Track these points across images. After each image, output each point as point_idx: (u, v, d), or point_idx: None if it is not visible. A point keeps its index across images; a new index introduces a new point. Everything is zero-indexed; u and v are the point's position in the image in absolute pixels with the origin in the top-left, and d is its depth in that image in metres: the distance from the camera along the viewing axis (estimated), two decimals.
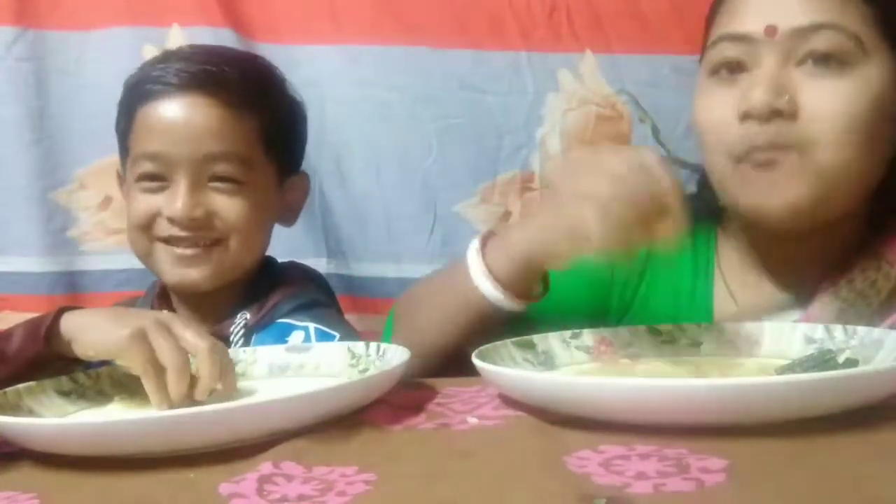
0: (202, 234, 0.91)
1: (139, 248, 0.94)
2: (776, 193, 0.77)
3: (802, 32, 0.76)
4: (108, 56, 1.25)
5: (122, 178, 1.00)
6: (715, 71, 0.81)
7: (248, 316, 0.93)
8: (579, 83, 1.25)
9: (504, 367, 0.65)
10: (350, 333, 0.93)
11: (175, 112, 0.90)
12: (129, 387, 0.75)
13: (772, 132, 0.76)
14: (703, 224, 0.92)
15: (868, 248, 0.82)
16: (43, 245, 1.26)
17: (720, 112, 0.80)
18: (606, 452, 0.49)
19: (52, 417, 0.66)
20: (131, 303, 1.04)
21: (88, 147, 1.26)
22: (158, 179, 0.91)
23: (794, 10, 0.77)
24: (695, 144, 0.86)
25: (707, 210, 0.91)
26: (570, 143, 1.26)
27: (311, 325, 0.91)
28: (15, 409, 0.65)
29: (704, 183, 0.90)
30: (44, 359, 0.73)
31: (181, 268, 0.91)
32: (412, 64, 1.26)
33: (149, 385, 0.66)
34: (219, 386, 0.68)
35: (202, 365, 0.67)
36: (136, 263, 1.09)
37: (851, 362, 0.63)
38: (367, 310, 1.26)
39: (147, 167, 0.91)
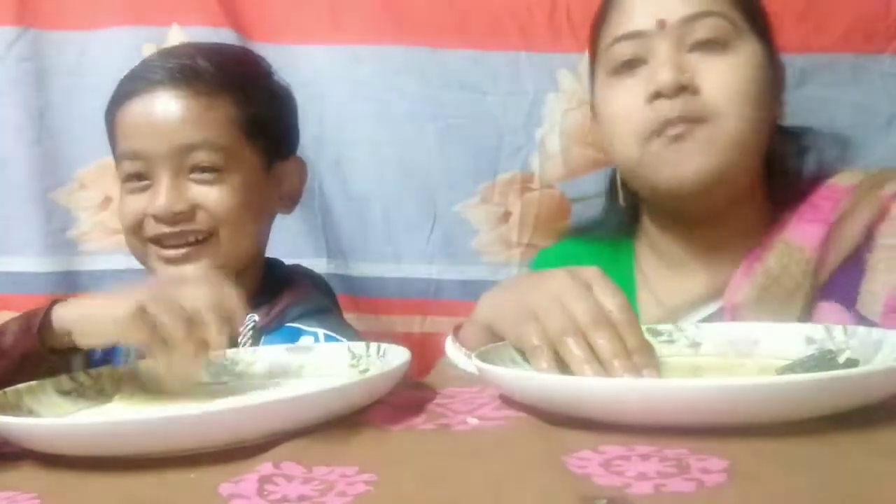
0: (189, 228, 0.90)
1: (134, 250, 0.95)
2: (688, 161, 0.85)
3: (688, 21, 0.86)
4: (108, 56, 1.25)
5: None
6: (615, 70, 0.90)
7: (257, 318, 0.93)
8: (579, 83, 1.25)
9: (504, 367, 0.65)
10: (357, 340, 0.93)
11: (147, 108, 0.91)
12: (129, 386, 0.75)
13: (679, 106, 0.84)
14: (621, 240, 1.02)
15: (772, 233, 0.88)
16: (43, 245, 1.26)
17: (627, 100, 0.88)
18: (607, 453, 0.49)
19: (52, 417, 0.66)
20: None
21: (88, 147, 1.26)
22: (142, 179, 0.92)
23: (676, 3, 0.87)
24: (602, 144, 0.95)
25: (619, 226, 1.02)
26: (569, 143, 1.26)
27: (321, 331, 0.91)
28: (15, 409, 0.65)
29: (613, 200, 1.01)
30: (38, 354, 0.72)
31: (175, 267, 0.91)
32: (412, 64, 1.26)
33: (159, 363, 0.66)
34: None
35: (206, 331, 0.66)
36: (136, 263, 1.09)
37: (852, 362, 0.63)
38: (367, 310, 1.26)
39: (129, 167, 0.92)
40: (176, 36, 1.25)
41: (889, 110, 1.19)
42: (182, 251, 0.91)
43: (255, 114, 0.95)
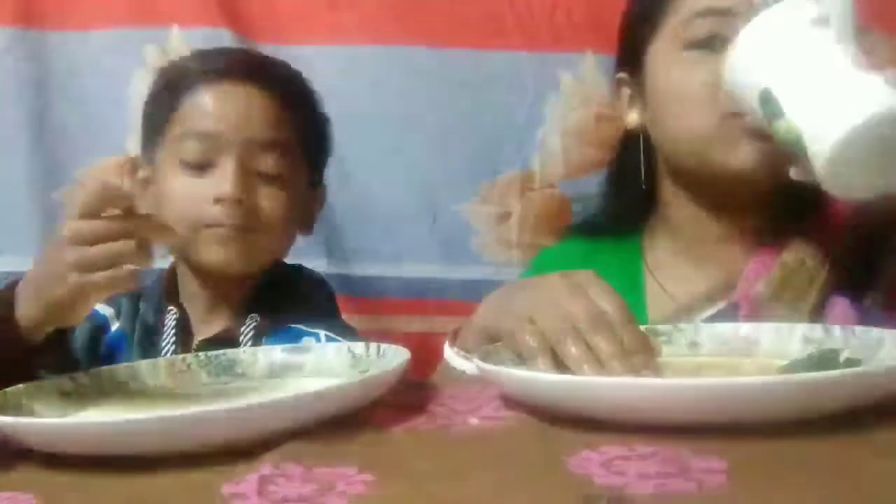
0: (244, 217, 0.91)
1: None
2: (761, 150, 0.81)
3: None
4: (108, 56, 1.25)
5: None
6: (693, 45, 0.85)
7: (259, 318, 0.94)
8: (580, 83, 1.25)
9: (505, 367, 0.65)
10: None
11: (229, 96, 0.93)
12: (129, 386, 0.75)
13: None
14: (626, 236, 1.00)
15: (790, 229, 0.87)
16: (43, 245, 1.26)
17: (708, 77, 0.82)
18: (607, 453, 0.49)
19: (52, 417, 0.66)
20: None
21: (88, 147, 1.27)
22: (202, 162, 0.92)
23: None
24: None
25: (625, 221, 1.00)
26: (570, 142, 1.26)
27: (322, 332, 0.91)
28: (15, 409, 0.65)
29: (615, 195, 1.00)
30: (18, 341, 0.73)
31: (224, 247, 0.91)
32: (412, 64, 1.26)
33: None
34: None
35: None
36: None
37: (852, 362, 0.63)
38: (367, 310, 1.27)
39: (193, 146, 0.92)
40: (176, 36, 1.25)
41: None
42: (235, 231, 0.91)
43: (313, 133, 0.99)
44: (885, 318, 0.77)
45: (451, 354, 0.80)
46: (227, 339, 0.91)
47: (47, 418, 0.65)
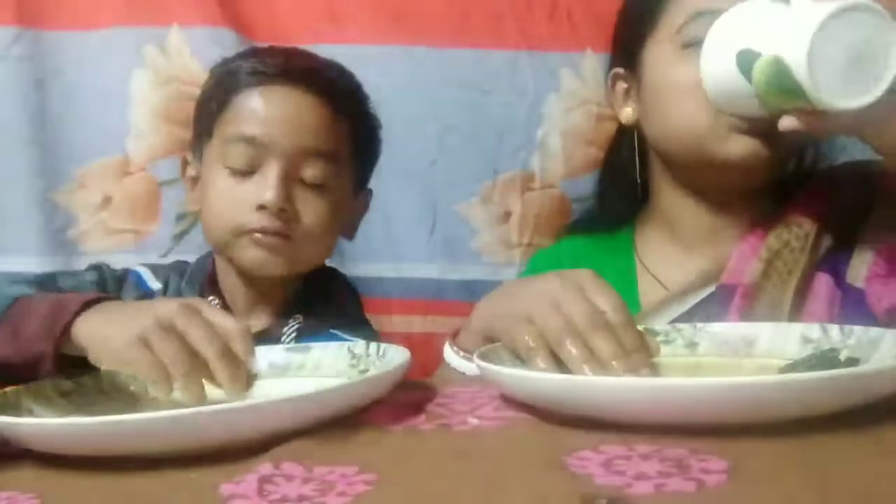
0: (285, 226, 0.90)
1: (220, 236, 0.93)
2: (748, 143, 0.84)
3: None
4: (108, 56, 1.25)
5: (187, 164, 1.00)
6: (691, 44, 0.86)
7: (302, 320, 0.94)
8: (580, 83, 1.25)
9: (505, 367, 0.65)
10: None
11: (278, 100, 0.91)
12: (130, 387, 0.75)
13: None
14: (619, 230, 1.02)
15: (776, 213, 0.90)
16: (43, 245, 1.26)
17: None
18: (607, 453, 0.49)
19: (52, 417, 0.66)
20: (179, 269, 1.03)
21: (88, 147, 1.27)
22: (247, 166, 0.91)
23: None
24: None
25: (618, 216, 1.02)
26: (570, 142, 1.26)
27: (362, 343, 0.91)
28: (15, 409, 0.65)
29: (608, 192, 1.03)
30: (50, 358, 0.73)
31: (263, 251, 0.91)
32: (412, 64, 1.26)
33: (160, 394, 0.65)
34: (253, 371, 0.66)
35: (216, 372, 0.64)
36: (136, 263, 1.09)
37: (852, 361, 0.63)
38: (367, 309, 1.26)
39: (239, 150, 0.91)
40: (176, 36, 1.25)
41: None
42: (276, 239, 0.90)
43: (363, 135, 0.98)
44: (866, 294, 0.82)
45: (451, 354, 0.80)
46: (268, 338, 0.90)
47: (47, 418, 0.65)
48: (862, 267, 0.84)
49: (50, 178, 1.26)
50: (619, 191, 1.02)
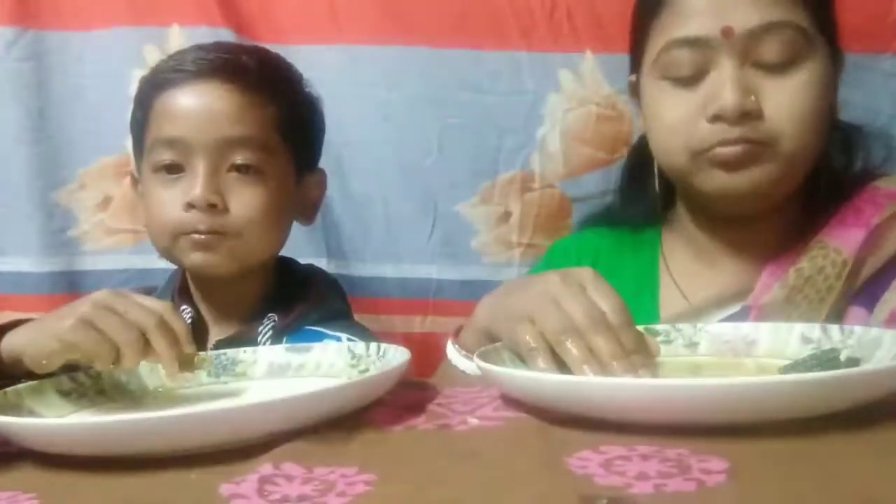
0: (219, 222, 0.89)
1: (161, 242, 0.93)
2: (742, 177, 0.82)
3: (756, 32, 0.80)
4: (108, 56, 1.25)
5: (135, 180, 0.99)
6: (670, 76, 0.84)
7: (277, 319, 0.93)
8: (579, 83, 1.25)
9: (505, 367, 0.65)
10: None
11: (193, 97, 0.90)
12: (129, 386, 0.75)
13: (740, 131, 0.80)
14: (644, 229, 0.99)
15: (809, 234, 0.86)
16: (43, 245, 1.26)
17: (681, 112, 0.83)
18: (607, 453, 0.49)
19: (52, 417, 0.66)
20: (146, 291, 1.03)
21: (88, 147, 1.27)
22: (174, 170, 0.90)
23: (746, 10, 0.80)
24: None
25: (645, 215, 0.98)
26: (570, 142, 1.26)
27: (344, 336, 0.90)
28: (15, 409, 0.65)
29: (637, 188, 0.98)
30: None
31: (202, 252, 0.90)
32: (412, 64, 1.26)
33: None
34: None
35: (154, 342, 0.68)
36: (136, 263, 1.09)
37: (853, 361, 0.63)
38: (367, 310, 1.26)
39: (164, 155, 0.90)
40: (176, 36, 1.25)
41: (890, 111, 1.19)
42: (211, 236, 0.89)
43: (292, 119, 0.95)
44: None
45: (453, 353, 0.80)
46: (244, 339, 0.90)
47: (47, 418, 0.65)
48: (882, 311, 0.79)
49: (50, 178, 1.26)
50: (642, 193, 0.98)
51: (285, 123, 0.94)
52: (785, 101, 0.81)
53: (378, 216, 1.28)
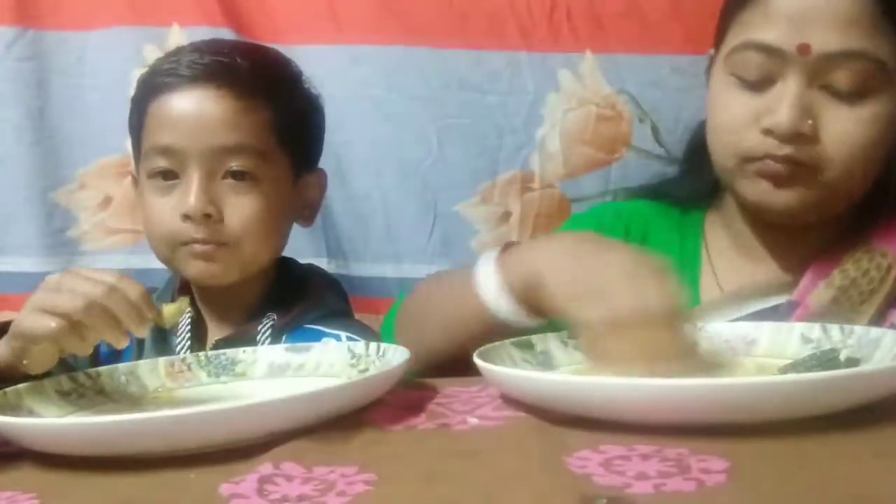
0: (215, 231, 0.88)
1: (161, 252, 0.93)
2: (781, 197, 0.81)
3: (832, 57, 0.78)
4: (108, 56, 1.25)
5: (136, 181, 0.98)
6: (737, 75, 0.83)
7: (276, 318, 0.93)
8: (579, 83, 1.25)
9: (504, 367, 0.65)
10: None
11: (186, 104, 0.89)
12: (129, 387, 0.75)
13: (790, 150, 0.79)
14: (691, 210, 0.97)
15: (858, 236, 0.85)
16: (43, 245, 1.26)
17: (741, 117, 0.82)
18: (607, 453, 0.49)
19: (52, 417, 0.66)
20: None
21: (88, 147, 1.27)
22: (171, 177, 0.89)
23: (827, 31, 0.77)
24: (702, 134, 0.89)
25: (695, 196, 0.96)
26: (570, 142, 1.26)
27: (343, 334, 0.90)
28: (15, 409, 0.65)
29: (693, 168, 0.95)
30: None
31: (203, 262, 0.89)
32: (412, 64, 1.26)
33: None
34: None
35: (113, 308, 0.68)
36: (136, 263, 1.09)
37: (852, 361, 0.63)
38: (367, 310, 1.26)
39: (159, 163, 0.90)
40: (176, 36, 1.25)
41: None
42: (209, 247, 0.89)
43: (290, 121, 0.93)
44: None
45: (486, 267, 0.74)
46: (243, 339, 0.90)
47: (47, 418, 0.65)
48: None
49: (50, 178, 1.26)
50: (696, 171, 0.96)
51: (282, 126, 0.92)
52: (843, 131, 0.79)
53: (378, 216, 1.28)
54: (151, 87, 0.91)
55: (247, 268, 0.92)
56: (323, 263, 1.25)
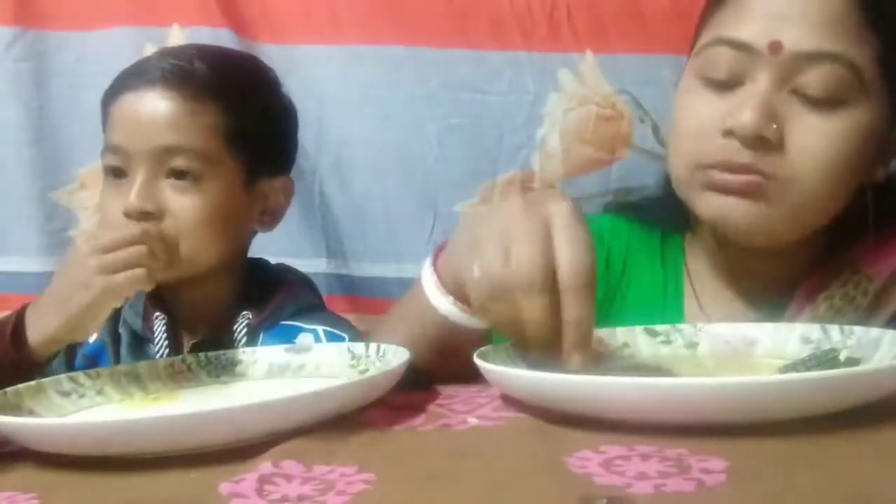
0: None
1: None
2: (736, 212, 0.75)
3: (806, 58, 0.72)
4: (108, 56, 1.25)
5: None
6: (705, 75, 0.78)
7: (251, 316, 0.93)
8: (579, 83, 1.25)
9: (504, 367, 0.65)
10: (357, 336, 0.93)
11: (134, 105, 0.90)
12: (129, 387, 0.75)
13: (750, 157, 0.73)
14: (671, 233, 0.91)
15: (842, 258, 0.80)
16: (43, 245, 1.26)
17: (705, 119, 0.77)
18: (607, 453, 0.49)
19: (52, 417, 0.66)
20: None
21: (88, 147, 1.26)
22: (120, 174, 0.91)
23: (802, 30, 0.72)
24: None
25: (673, 217, 0.89)
26: (570, 142, 1.26)
27: (320, 328, 0.91)
28: (15, 409, 0.65)
29: (670, 187, 0.85)
30: (17, 364, 0.76)
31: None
32: (412, 64, 1.26)
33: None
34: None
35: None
36: None
37: (852, 361, 0.63)
38: (367, 310, 1.26)
39: (110, 160, 0.91)
40: (176, 36, 1.25)
41: None
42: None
43: (242, 125, 0.93)
44: None
45: (428, 274, 0.72)
46: (219, 340, 0.90)
47: (47, 418, 0.65)
48: None
49: (50, 178, 1.27)
50: (673, 194, 0.87)
51: (233, 132, 0.92)
52: (810, 144, 0.73)
53: (378, 216, 1.28)
54: (112, 88, 0.93)
55: (187, 268, 0.91)
56: (323, 263, 1.25)
